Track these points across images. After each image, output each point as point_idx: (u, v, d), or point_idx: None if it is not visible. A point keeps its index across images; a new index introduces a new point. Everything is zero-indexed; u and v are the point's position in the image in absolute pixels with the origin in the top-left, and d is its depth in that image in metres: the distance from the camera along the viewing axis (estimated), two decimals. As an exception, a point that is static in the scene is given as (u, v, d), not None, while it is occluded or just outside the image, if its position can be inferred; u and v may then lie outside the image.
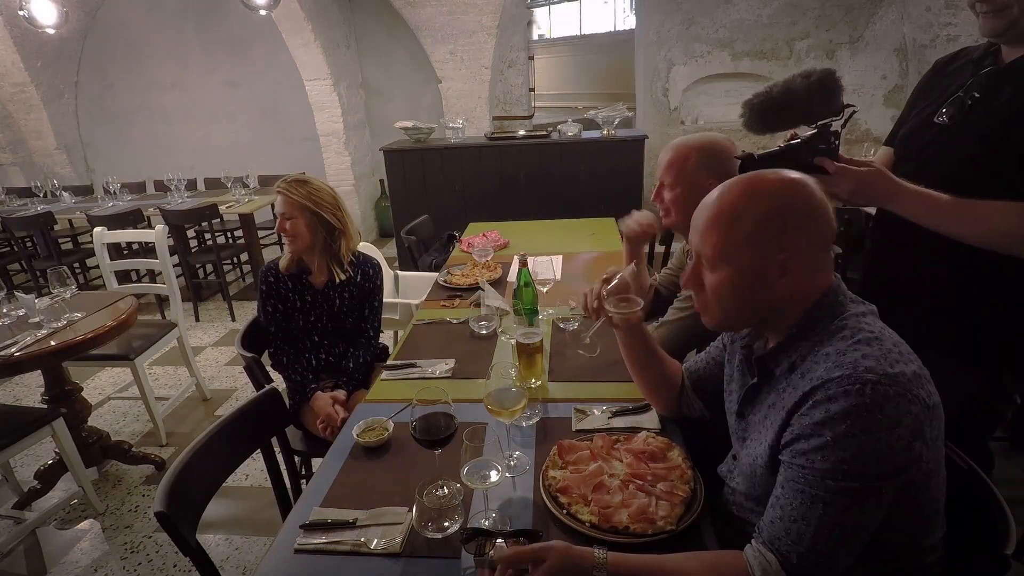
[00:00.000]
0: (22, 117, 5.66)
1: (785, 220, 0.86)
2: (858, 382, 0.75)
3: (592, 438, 1.21)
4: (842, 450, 0.75)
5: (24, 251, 4.41)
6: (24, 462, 2.64)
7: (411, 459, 1.25)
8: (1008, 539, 0.89)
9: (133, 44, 5.90)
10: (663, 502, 1.02)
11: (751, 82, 5.49)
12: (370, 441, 1.29)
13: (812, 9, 5.08)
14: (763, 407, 0.94)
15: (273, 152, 6.11)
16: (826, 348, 0.83)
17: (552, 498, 1.04)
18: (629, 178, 4.15)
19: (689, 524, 0.98)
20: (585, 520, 0.99)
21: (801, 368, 0.86)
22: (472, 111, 5.16)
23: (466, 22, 4.79)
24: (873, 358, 0.77)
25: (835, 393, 0.76)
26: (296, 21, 4.91)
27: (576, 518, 1.00)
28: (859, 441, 0.74)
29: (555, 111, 8.69)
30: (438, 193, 4.35)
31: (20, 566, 2.06)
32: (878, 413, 0.74)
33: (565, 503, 1.03)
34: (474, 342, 1.79)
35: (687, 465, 1.11)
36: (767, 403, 0.93)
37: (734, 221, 0.88)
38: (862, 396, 0.74)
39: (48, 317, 2.17)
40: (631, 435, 1.21)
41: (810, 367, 0.84)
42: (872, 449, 0.74)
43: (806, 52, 5.22)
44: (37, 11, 4.00)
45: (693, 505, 1.02)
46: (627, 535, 0.96)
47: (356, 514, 1.07)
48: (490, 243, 2.79)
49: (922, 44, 4.78)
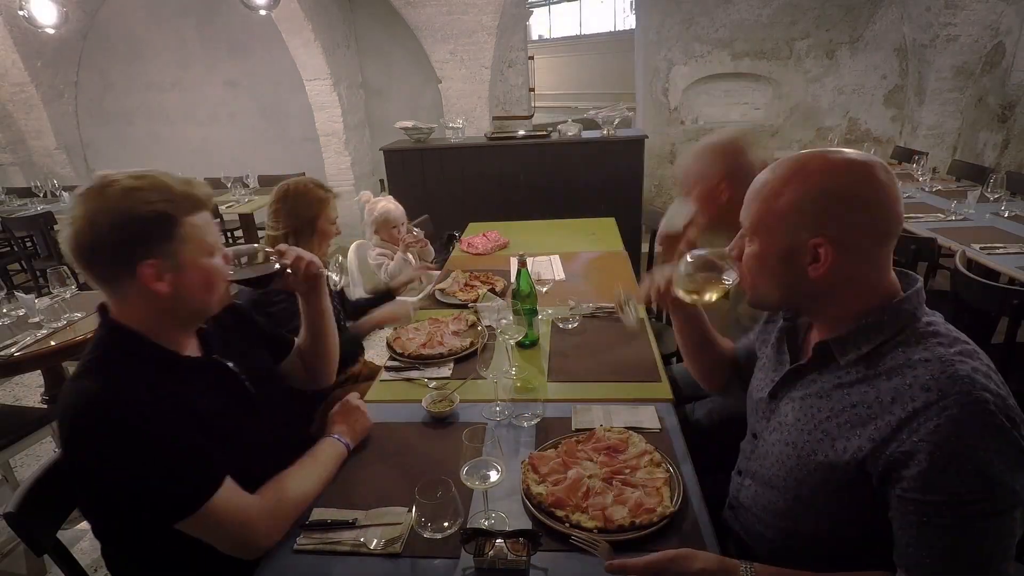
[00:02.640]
0: (22, 117, 5.66)
1: (826, 205, 0.81)
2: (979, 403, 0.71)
3: (558, 444, 1.22)
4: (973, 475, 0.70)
5: (24, 251, 4.41)
6: (24, 462, 2.64)
7: (411, 459, 1.25)
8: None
9: (133, 44, 5.89)
10: (649, 488, 1.05)
11: (751, 82, 5.50)
12: (443, 411, 1.37)
13: (812, 9, 5.08)
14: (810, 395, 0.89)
15: (273, 152, 6.11)
16: (922, 351, 0.78)
17: (548, 514, 1.04)
18: (629, 178, 4.15)
19: (681, 501, 1.03)
20: (590, 527, 0.99)
21: (884, 367, 0.80)
22: (472, 111, 5.15)
23: (466, 22, 4.79)
24: (983, 373, 0.74)
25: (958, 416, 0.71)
26: (296, 21, 4.90)
27: (581, 527, 1.00)
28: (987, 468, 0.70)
29: (555, 111, 8.70)
30: (438, 193, 4.34)
31: (20, 566, 2.06)
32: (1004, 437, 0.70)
33: (563, 516, 1.02)
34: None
35: (651, 448, 1.15)
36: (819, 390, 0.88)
37: (774, 197, 0.85)
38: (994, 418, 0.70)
39: (48, 317, 2.17)
40: (590, 435, 1.23)
41: (901, 369, 0.78)
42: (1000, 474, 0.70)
43: (806, 52, 5.22)
44: (37, 11, 4.00)
45: (672, 482, 1.07)
46: (634, 529, 0.98)
47: (356, 514, 1.07)
48: (490, 243, 2.79)
49: (922, 44, 4.79)
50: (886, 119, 5.29)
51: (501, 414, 1.38)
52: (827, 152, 0.84)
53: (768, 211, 0.85)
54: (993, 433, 0.70)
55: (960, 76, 4.76)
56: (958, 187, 3.60)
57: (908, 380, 0.76)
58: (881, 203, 0.80)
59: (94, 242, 0.92)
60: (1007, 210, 2.93)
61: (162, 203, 0.94)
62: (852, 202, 0.80)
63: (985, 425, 0.70)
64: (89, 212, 0.91)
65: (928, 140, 4.97)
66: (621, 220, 3.20)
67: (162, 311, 1.00)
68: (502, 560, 0.95)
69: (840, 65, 5.22)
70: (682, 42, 5.34)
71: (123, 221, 0.91)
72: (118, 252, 0.93)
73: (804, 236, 0.82)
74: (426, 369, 1.63)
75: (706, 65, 5.40)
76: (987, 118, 4.83)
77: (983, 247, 2.49)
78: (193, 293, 1.01)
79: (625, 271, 2.41)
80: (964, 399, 0.71)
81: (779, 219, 0.84)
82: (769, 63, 5.31)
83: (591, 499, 1.05)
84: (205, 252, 1.01)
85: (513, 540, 0.96)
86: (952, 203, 3.03)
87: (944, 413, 0.72)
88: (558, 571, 0.95)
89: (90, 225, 0.91)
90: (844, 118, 5.34)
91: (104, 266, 0.95)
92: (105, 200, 0.92)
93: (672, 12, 5.25)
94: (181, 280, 0.98)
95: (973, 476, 0.70)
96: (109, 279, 0.96)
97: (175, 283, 0.97)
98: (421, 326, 1.84)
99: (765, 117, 5.58)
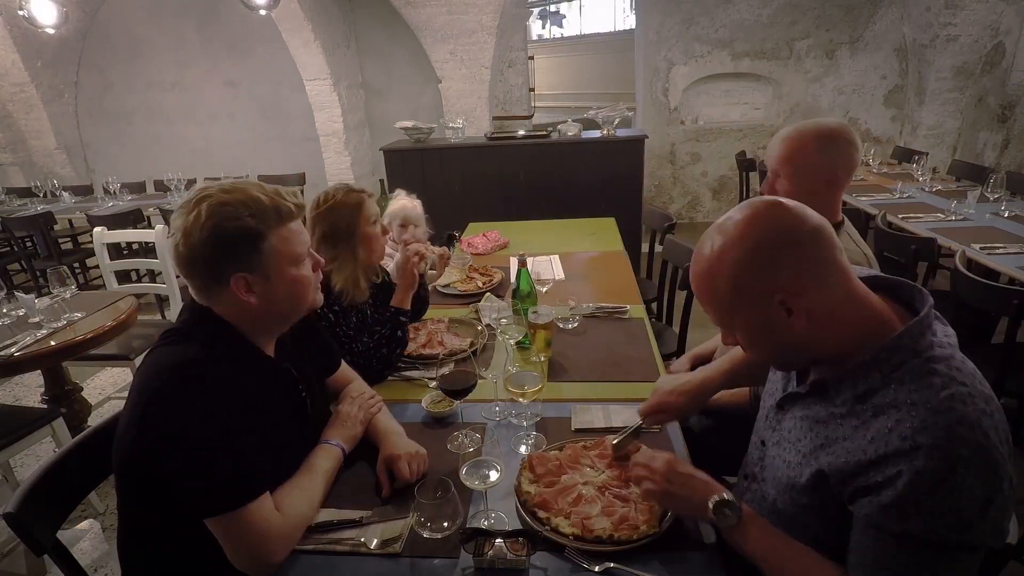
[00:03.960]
0: (22, 117, 5.66)
1: (758, 262, 0.81)
2: (950, 459, 0.70)
3: (561, 447, 1.21)
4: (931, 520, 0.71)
5: (24, 251, 4.40)
6: (24, 462, 2.64)
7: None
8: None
9: (133, 44, 5.89)
10: (642, 506, 1.03)
11: (751, 82, 5.50)
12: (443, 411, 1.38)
13: (812, 9, 5.08)
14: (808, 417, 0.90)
15: (273, 152, 6.11)
16: (911, 392, 0.76)
17: (531, 514, 1.03)
18: (629, 178, 4.15)
19: (671, 523, 0.99)
20: (567, 533, 0.98)
21: (874, 404, 0.79)
22: (472, 111, 5.15)
23: (466, 22, 4.79)
24: (968, 424, 0.71)
25: (925, 468, 0.70)
26: (296, 21, 4.91)
27: (558, 531, 0.99)
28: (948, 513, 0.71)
29: (555, 111, 8.70)
30: (438, 193, 4.34)
31: (20, 566, 2.06)
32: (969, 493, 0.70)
33: (544, 518, 1.02)
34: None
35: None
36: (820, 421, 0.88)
37: (713, 290, 0.85)
38: (954, 473, 0.70)
39: (48, 317, 2.17)
40: (598, 442, 1.21)
41: (886, 409, 0.77)
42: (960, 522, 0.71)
43: (806, 52, 5.23)
44: (37, 11, 4.00)
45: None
46: (611, 543, 0.96)
47: (356, 514, 1.07)
48: (490, 243, 2.79)
49: (922, 44, 4.79)
50: (886, 119, 5.29)
51: (501, 414, 1.38)
52: (727, 220, 0.84)
53: (719, 304, 0.86)
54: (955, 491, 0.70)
55: (960, 76, 4.76)
56: (958, 187, 3.60)
57: (891, 423, 0.76)
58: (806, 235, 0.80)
59: (189, 256, 0.97)
60: (1007, 210, 2.93)
61: (249, 217, 0.97)
62: (780, 247, 0.80)
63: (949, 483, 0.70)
64: (185, 227, 0.96)
65: (928, 140, 4.97)
66: (621, 220, 3.20)
67: (253, 317, 1.04)
68: (502, 560, 0.95)
69: (840, 65, 5.23)
70: (682, 42, 5.34)
71: (212, 237, 0.95)
72: (210, 266, 0.98)
73: (766, 300, 0.81)
74: (426, 369, 1.63)
75: (706, 65, 5.41)
76: (987, 118, 4.83)
77: (983, 247, 2.49)
78: (281, 302, 1.04)
79: (625, 271, 2.41)
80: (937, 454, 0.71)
81: (733, 303, 0.84)
82: (769, 63, 5.32)
83: (580, 506, 1.04)
84: (293, 262, 1.03)
85: (513, 540, 0.96)
86: (952, 203, 3.03)
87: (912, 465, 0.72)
88: (558, 571, 0.95)
89: (185, 240, 0.96)
90: (844, 118, 5.34)
91: (199, 278, 1.00)
92: (198, 216, 0.95)
93: (672, 12, 5.25)
94: (269, 291, 1.01)
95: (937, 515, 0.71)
96: (204, 289, 1.01)
97: (263, 294, 1.01)
98: (421, 326, 1.84)
99: (765, 117, 5.59)
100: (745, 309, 0.84)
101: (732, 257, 0.82)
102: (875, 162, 4.26)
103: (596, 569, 0.93)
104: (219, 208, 0.96)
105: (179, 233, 0.96)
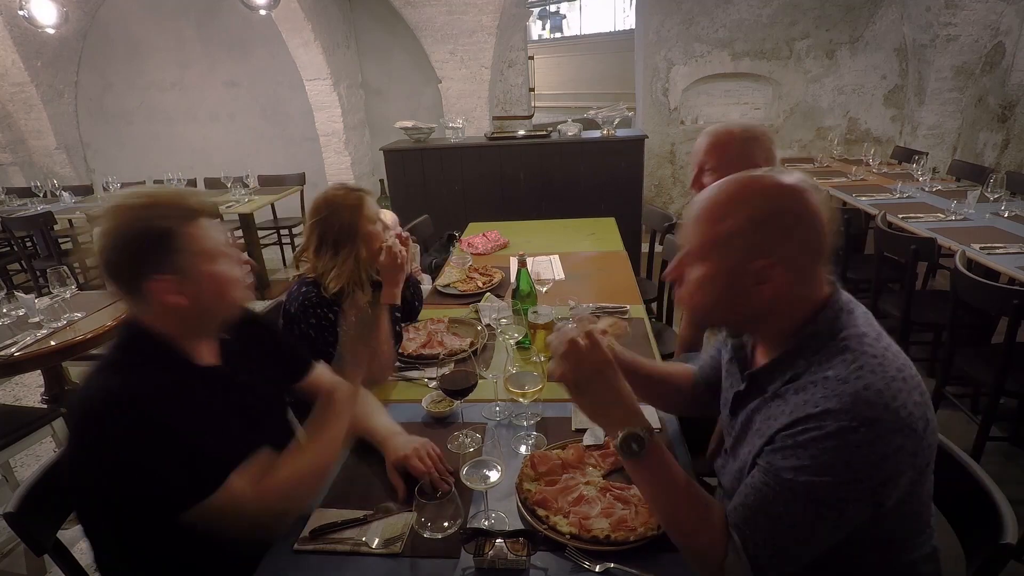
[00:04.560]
0: (22, 117, 5.66)
1: (771, 226, 0.82)
2: (856, 419, 0.73)
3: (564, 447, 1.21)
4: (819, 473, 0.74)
5: (24, 251, 4.40)
6: (24, 462, 2.64)
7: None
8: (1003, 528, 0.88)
9: (133, 44, 5.89)
10: (642, 508, 1.03)
11: (751, 82, 5.50)
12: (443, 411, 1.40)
13: (812, 9, 5.08)
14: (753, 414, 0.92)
15: (273, 152, 6.11)
16: (826, 370, 0.80)
17: (531, 511, 1.04)
18: (629, 178, 4.16)
19: None
20: (565, 532, 0.99)
21: (796, 385, 0.83)
22: (472, 111, 5.15)
23: (466, 22, 4.79)
24: (875, 390, 0.75)
25: (831, 430, 0.74)
26: (296, 21, 4.90)
27: (556, 530, 1.00)
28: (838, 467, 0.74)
29: (555, 111, 8.70)
30: (438, 193, 4.35)
31: (20, 566, 2.06)
32: (866, 449, 0.73)
33: (543, 515, 1.02)
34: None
35: None
36: (756, 411, 0.90)
37: (719, 220, 0.84)
38: (855, 433, 0.73)
39: (48, 317, 2.17)
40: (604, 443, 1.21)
41: (807, 386, 0.81)
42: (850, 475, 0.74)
43: (806, 52, 5.22)
44: (37, 11, 4.00)
45: None
46: (608, 543, 0.96)
47: (356, 514, 1.07)
48: (490, 243, 2.79)
49: (922, 44, 4.79)
50: (886, 119, 5.29)
51: (501, 414, 1.38)
52: (764, 175, 0.85)
53: (713, 235, 0.85)
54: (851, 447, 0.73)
55: (960, 76, 4.76)
56: (958, 187, 3.60)
57: (807, 396, 0.80)
58: (816, 224, 0.82)
59: (107, 263, 0.97)
60: (1007, 210, 2.93)
61: (157, 218, 0.97)
62: (793, 222, 0.82)
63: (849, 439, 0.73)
64: (101, 234, 0.96)
65: (928, 140, 4.97)
66: (621, 220, 3.21)
67: (180, 320, 1.02)
68: (502, 560, 0.95)
69: (840, 65, 5.22)
70: (682, 42, 5.34)
71: (123, 241, 0.96)
72: (125, 271, 0.97)
73: (750, 258, 0.82)
74: (426, 369, 1.63)
75: (706, 65, 5.40)
76: (987, 118, 4.82)
77: (983, 247, 2.49)
78: (205, 301, 1.02)
79: (625, 271, 2.41)
80: (843, 418, 0.74)
81: (725, 243, 0.84)
82: (769, 63, 5.31)
83: (580, 506, 1.05)
84: (208, 259, 1.02)
85: (513, 540, 0.96)
86: (952, 203, 3.03)
87: (819, 425, 0.75)
88: (558, 571, 0.95)
89: (100, 247, 0.96)
90: (844, 118, 5.35)
91: (120, 285, 0.99)
92: (107, 222, 0.96)
93: (672, 12, 5.24)
94: (191, 290, 1.00)
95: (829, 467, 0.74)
96: (129, 296, 1.00)
97: (186, 294, 0.99)
98: (421, 326, 1.84)
99: (765, 117, 5.58)
100: (728, 253, 0.83)
101: (761, 204, 0.82)
102: (875, 162, 4.26)
103: (596, 569, 0.94)
104: (126, 212, 0.96)
105: (96, 241, 0.96)
